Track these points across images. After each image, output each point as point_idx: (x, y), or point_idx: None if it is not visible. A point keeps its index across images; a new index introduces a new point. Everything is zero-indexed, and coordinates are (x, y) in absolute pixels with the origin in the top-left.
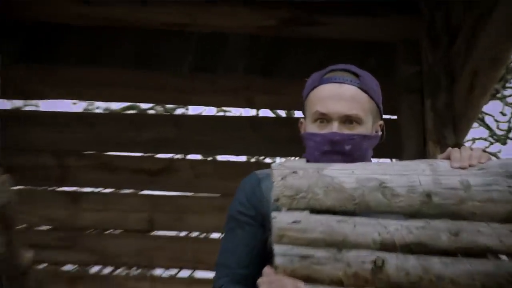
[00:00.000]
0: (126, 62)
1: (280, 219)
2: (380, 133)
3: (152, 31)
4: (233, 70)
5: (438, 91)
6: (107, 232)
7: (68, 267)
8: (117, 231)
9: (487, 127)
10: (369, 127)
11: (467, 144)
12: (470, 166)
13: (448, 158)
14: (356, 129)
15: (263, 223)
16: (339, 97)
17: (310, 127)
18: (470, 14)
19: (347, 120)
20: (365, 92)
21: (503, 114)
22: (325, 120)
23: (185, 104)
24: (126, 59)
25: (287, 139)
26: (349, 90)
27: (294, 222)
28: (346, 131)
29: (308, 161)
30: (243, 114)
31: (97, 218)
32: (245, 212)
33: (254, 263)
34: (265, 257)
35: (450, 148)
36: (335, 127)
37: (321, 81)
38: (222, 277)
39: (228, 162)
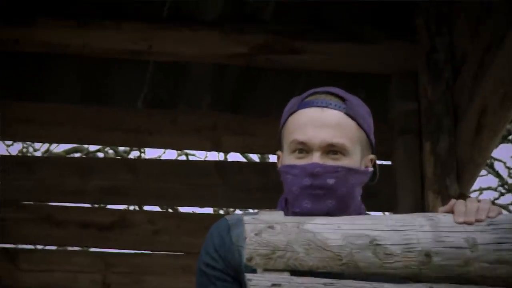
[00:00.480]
0: (71, 96)
1: (257, 282)
2: (370, 169)
3: (101, 60)
4: (197, 105)
5: (439, 132)
6: None
7: None
8: None
9: (497, 174)
10: (357, 160)
11: (473, 195)
12: (477, 221)
13: (451, 211)
14: (341, 161)
15: (237, 277)
16: (321, 123)
17: (288, 159)
18: (478, 42)
19: (331, 150)
20: (353, 118)
21: None
22: (304, 151)
23: (140, 146)
24: (70, 93)
25: (260, 188)
26: (333, 115)
27: (274, 285)
28: (329, 162)
29: (286, 203)
30: (209, 158)
31: (40, 280)
32: (214, 264)
33: None
34: None
35: (453, 200)
36: (316, 157)
37: (301, 105)
38: None
39: (192, 214)
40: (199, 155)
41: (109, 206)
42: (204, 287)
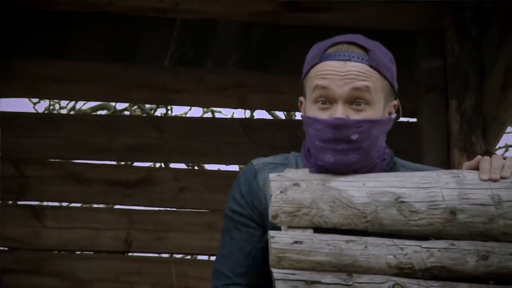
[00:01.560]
0: (97, 54)
1: (279, 239)
2: (394, 115)
3: (128, 18)
4: (223, 64)
5: (466, 89)
6: (76, 253)
7: None
8: (89, 253)
9: None
10: (381, 109)
11: (499, 152)
12: (502, 178)
13: (476, 168)
14: (365, 112)
15: (262, 223)
16: (344, 76)
17: (311, 109)
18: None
19: (354, 101)
20: (376, 69)
21: None
22: (327, 101)
23: (166, 104)
24: (96, 51)
25: (286, 145)
26: (356, 68)
27: (296, 242)
28: (352, 114)
29: (309, 151)
30: (235, 116)
31: (65, 237)
32: (240, 211)
33: (254, 269)
34: (267, 261)
35: (479, 156)
36: (339, 110)
37: (323, 57)
38: (220, 287)
39: (217, 172)
40: (225, 113)
41: (135, 164)
42: (227, 232)
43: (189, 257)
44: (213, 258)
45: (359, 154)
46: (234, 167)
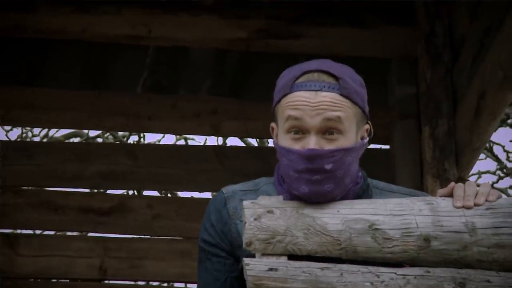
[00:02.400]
0: (69, 81)
1: (254, 267)
2: (366, 139)
3: (101, 45)
4: (196, 90)
5: (438, 116)
6: (53, 281)
7: None
8: (65, 281)
9: (496, 158)
10: (353, 136)
11: (472, 179)
12: (476, 205)
13: (450, 195)
14: (338, 141)
15: (232, 251)
16: (316, 105)
17: (283, 139)
18: (477, 25)
19: (327, 131)
20: (347, 97)
21: None
22: (300, 131)
23: (139, 131)
24: (70, 78)
25: (259, 172)
26: (327, 98)
27: (271, 269)
28: (325, 144)
29: (282, 178)
30: (208, 143)
31: (39, 265)
32: (210, 240)
33: None
34: (244, 285)
35: (452, 183)
36: (312, 141)
37: (293, 87)
38: None
39: (191, 199)
40: (198, 140)
41: (108, 191)
42: (201, 263)
43: (165, 284)
44: (189, 285)
45: (334, 183)
46: (208, 194)
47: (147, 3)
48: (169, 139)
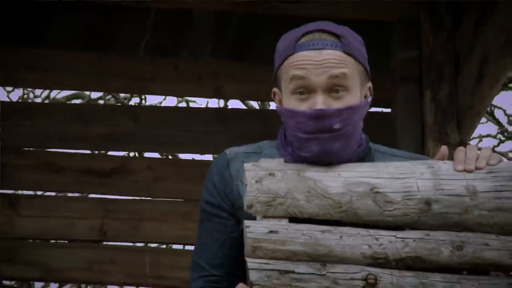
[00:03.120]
0: (72, 42)
1: (254, 229)
2: (370, 98)
3: (103, 7)
4: (198, 53)
5: (440, 80)
6: (51, 242)
7: (6, 283)
8: (63, 241)
9: (497, 122)
10: (358, 94)
11: (473, 143)
12: (477, 169)
13: (445, 158)
14: (345, 99)
15: (234, 212)
16: (321, 63)
17: (289, 101)
18: None
19: (333, 89)
20: (350, 55)
21: None
22: (305, 91)
23: (141, 93)
24: (71, 39)
25: (260, 135)
26: (331, 56)
27: (271, 232)
28: (333, 103)
29: (286, 140)
30: (210, 106)
31: (40, 226)
32: (212, 201)
33: (229, 259)
34: (243, 251)
35: (443, 148)
36: (319, 100)
37: (296, 48)
38: (197, 278)
39: (192, 161)
40: (200, 102)
41: (109, 153)
42: (202, 224)
43: (163, 246)
44: (187, 247)
45: (342, 142)
46: (209, 157)
47: None
48: (170, 101)
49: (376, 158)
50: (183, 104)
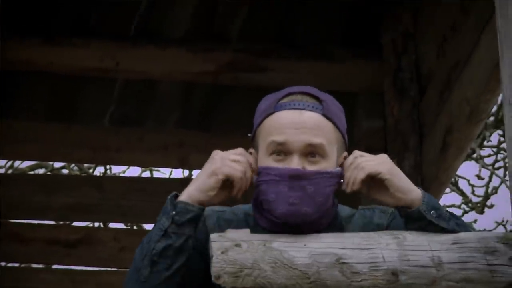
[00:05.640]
0: (36, 113)
1: None
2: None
3: (68, 77)
4: (164, 123)
5: (405, 149)
6: None
7: None
8: None
9: (461, 192)
10: (334, 161)
11: None
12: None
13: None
14: (320, 164)
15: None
16: (301, 125)
17: (265, 161)
18: (444, 61)
19: (310, 153)
20: (329, 119)
21: (480, 178)
22: (283, 153)
23: (106, 163)
24: (36, 110)
25: (225, 205)
26: (311, 117)
27: None
28: (308, 166)
29: (260, 205)
30: (174, 175)
31: None
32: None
33: None
34: None
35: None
36: (295, 160)
37: (277, 107)
38: None
39: None
40: (163, 171)
41: (74, 223)
42: None
43: None
44: None
45: (312, 207)
46: None
47: (115, 36)
48: (134, 170)
49: (342, 220)
50: (147, 173)
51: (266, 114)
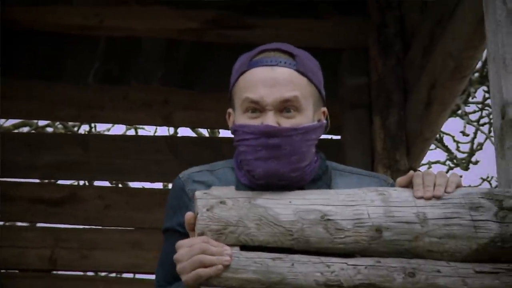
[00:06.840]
0: (20, 71)
1: None
2: (324, 121)
3: (52, 35)
4: (148, 81)
5: (389, 106)
6: (1, 272)
7: None
8: (13, 271)
9: (446, 149)
10: (310, 115)
11: (422, 169)
12: (434, 197)
13: (409, 183)
14: (296, 119)
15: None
16: (273, 82)
17: (241, 119)
18: (428, 16)
19: (284, 108)
20: (303, 74)
21: (465, 134)
22: (257, 110)
23: (90, 121)
24: (20, 67)
25: (211, 162)
26: (284, 73)
27: None
28: (284, 122)
29: (241, 162)
30: (159, 133)
31: None
32: (171, 227)
33: None
34: None
35: (411, 172)
36: (269, 117)
37: (250, 65)
38: None
39: (142, 190)
40: (148, 129)
41: (58, 182)
42: (163, 245)
43: (113, 275)
44: (138, 275)
45: (288, 166)
46: (159, 185)
47: None
48: (119, 128)
49: (334, 176)
50: (132, 132)
51: (240, 72)
